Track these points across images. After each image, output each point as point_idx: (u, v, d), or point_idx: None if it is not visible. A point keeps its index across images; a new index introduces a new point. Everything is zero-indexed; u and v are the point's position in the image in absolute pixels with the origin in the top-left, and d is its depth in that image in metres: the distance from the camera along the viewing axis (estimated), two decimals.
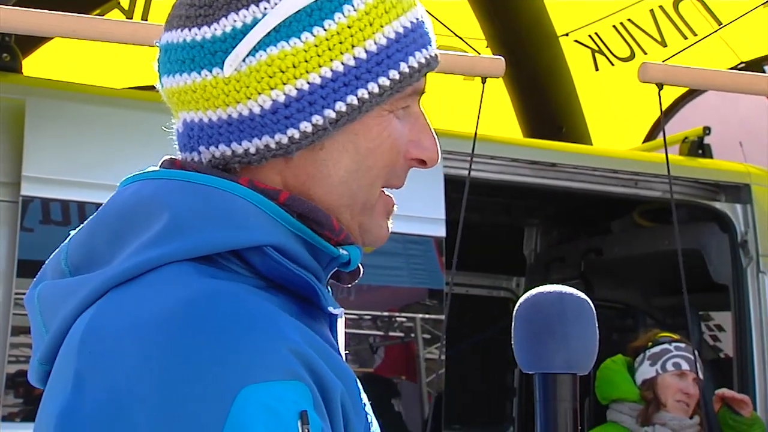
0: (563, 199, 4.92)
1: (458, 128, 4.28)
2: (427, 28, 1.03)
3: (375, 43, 0.98)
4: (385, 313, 4.05)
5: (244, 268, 0.94)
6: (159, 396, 0.84)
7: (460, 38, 3.67)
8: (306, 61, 0.97)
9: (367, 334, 3.99)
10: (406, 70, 0.99)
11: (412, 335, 4.05)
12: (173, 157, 1.03)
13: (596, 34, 5.89)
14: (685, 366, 3.55)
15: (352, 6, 0.98)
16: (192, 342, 0.86)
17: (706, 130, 4.68)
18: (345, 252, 1.00)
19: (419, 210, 3.66)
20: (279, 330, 0.88)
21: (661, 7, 5.71)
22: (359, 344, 3.97)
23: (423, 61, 1.01)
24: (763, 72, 5.75)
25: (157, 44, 1.04)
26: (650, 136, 5.85)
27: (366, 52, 0.98)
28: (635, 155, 4.83)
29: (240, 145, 0.98)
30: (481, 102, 3.22)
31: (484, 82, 3.20)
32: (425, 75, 1.02)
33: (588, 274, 5.19)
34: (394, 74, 0.98)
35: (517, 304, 1.05)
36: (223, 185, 0.96)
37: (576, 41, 5.91)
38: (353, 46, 0.97)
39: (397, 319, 4.07)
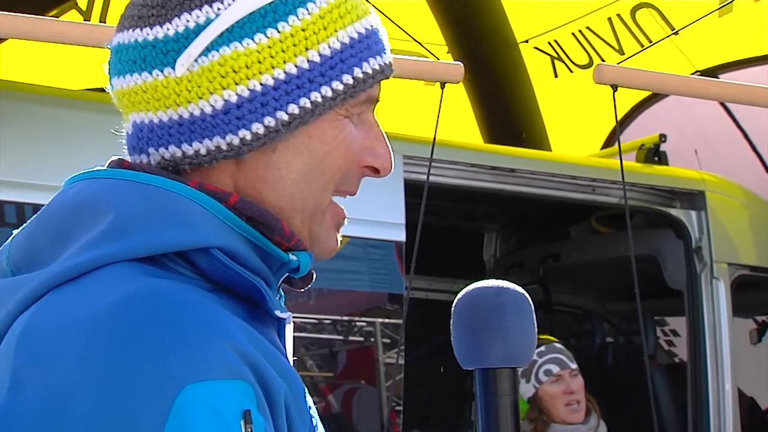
0: (522, 205, 4.95)
1: (419, 133, 4.29)
2: (382, 36, 1.03)
3: (329, 47, 0.98)
4: (345, 318, 4.04)
5: (191, 270, 0.93)
6: (97, 395, 0.82)
7: (419, 43, 3.67)
8: (259, 62, 0.96)
9: (327, 338, 3.98)
10: (360, 75, 0.99)
11: (372, 339, 4.04)
12: (122, 157, 1.01)
13: (555, 41, 5.94)
14: (556, 369, 3.46)
15: (307, 9, 0.98)
16: (131, 339, 0.84)
17: (663, 138, 4.74)
18: (294, 258, 0.98)
19: (379, 214, 3.66)
20: (222, 328, 0.86)
21: (618, 15, 5.78)
22: (319, 348, 3.95)
23: (377, 67, 1.00)
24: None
25: (108, 46, 1.02)
26: (608, 142, 5.92)
27: (320, 55, 0.97)
28: (593, 161, 4.89)
29: (190, 146, 0.96)
30: (439, 107, 3.23)
31: (442, 88, 3.21)
32: (379, 82, 1.02)
33: (546, 280, 5.23)
34: (347, 79, 0.98)
35: (455, 300, 1.03)
36: (170, 186, 0.94)
37: (535, 48, 5.96)
38: (307, 49, 0.97)
39: (357, 323, 4.07)
